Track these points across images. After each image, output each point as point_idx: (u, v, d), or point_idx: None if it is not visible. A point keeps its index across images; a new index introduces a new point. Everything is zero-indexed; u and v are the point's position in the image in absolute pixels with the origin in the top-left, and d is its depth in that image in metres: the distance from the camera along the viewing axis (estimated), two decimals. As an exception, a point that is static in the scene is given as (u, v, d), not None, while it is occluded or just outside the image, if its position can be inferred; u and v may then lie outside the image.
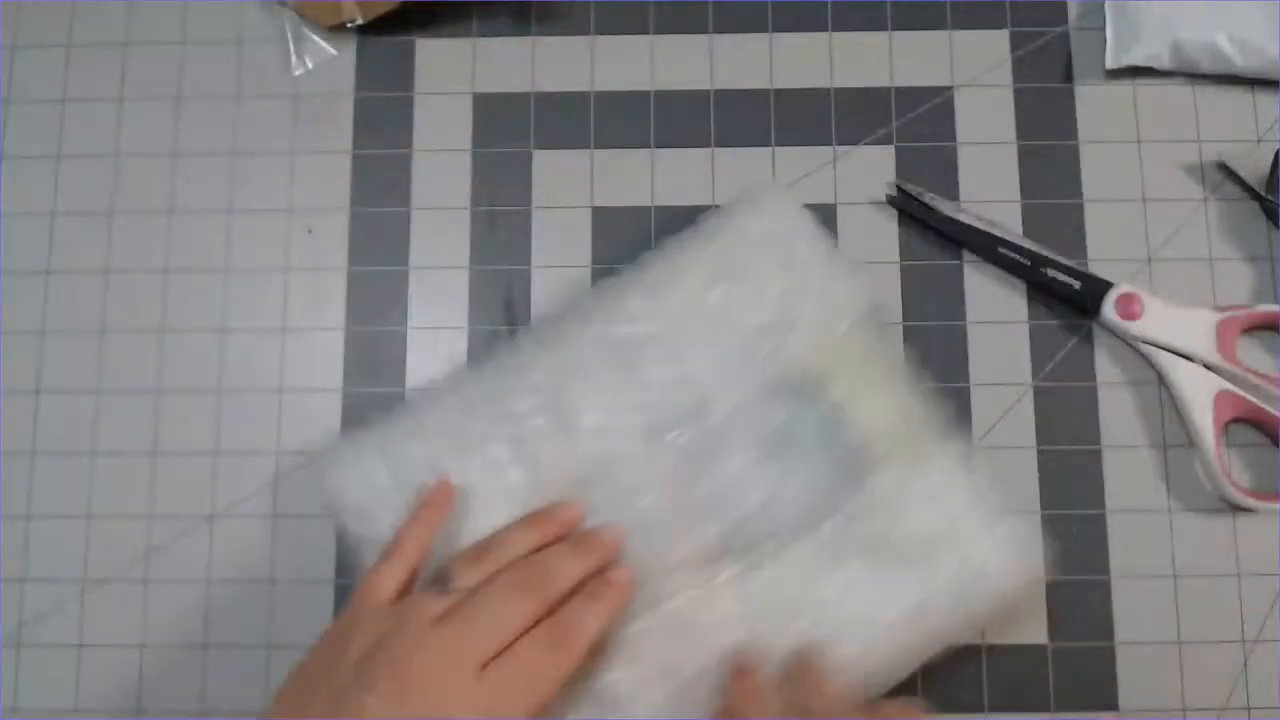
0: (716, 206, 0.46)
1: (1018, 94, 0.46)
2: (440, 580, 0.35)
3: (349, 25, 0.46)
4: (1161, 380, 0.44)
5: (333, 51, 0.47)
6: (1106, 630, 0.42)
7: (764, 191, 0.43)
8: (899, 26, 0.47)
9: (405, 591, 0.36)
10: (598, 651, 0.36)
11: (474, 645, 0.33)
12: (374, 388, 0.45)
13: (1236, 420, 0.43)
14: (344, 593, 0.43)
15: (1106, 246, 0.45)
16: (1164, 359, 0.43)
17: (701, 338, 0.40)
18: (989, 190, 0.46)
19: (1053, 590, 0.42)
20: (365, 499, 0.39)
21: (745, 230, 0.42)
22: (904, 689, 0.39)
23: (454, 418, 0.40)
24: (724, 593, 0.39)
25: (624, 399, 0.40)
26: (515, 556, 0.36)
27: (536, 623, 0.34)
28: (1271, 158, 0.44)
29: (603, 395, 0.40)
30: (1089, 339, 0.44)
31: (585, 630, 0.35)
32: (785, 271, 0.41)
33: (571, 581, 0.35)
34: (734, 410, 0.40)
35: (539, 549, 0.37)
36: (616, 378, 0.40)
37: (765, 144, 0.46)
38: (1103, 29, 0.46)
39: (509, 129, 0.47)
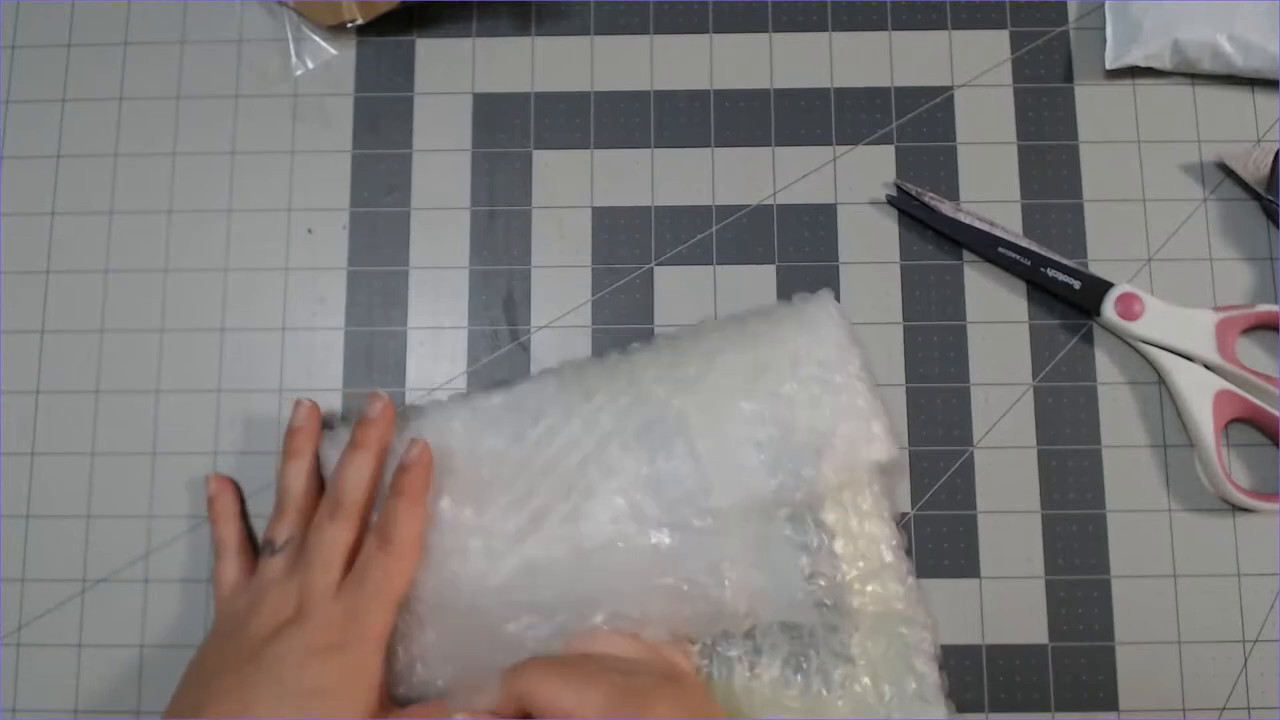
0: (715, 207, 0.46)
1: (1018, 94, 0.46)
2: (267, 546, 0.39)
3: (349, 25, 0.46)
4: (1161, 380, 0.44)
5: (333, 51, 0.47)
6: (1106, 630, 0.42)
7: (816, 306, 0.43)
8: (899, 26, 0.47)
9: (251, 570, 0.40)
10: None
11: (318, 579, 0.37)
12: (374, 388, 0.45)
13: (1236, 420, 0.43)
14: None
15: (1106, 246, 0.45)
16: (1164, 359, 0.43)
17: (725, 447, 0.40)
18: (989, 190, 0.46)
19: (1053, 590, 0.42)
20: None
21: (789, 342, 0.41)
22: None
23: (453, 450, 0.41)
24: None
25: (636, 480, 0.40)
26: (298, 492, 0.40)
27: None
28: (1271, 158, 0.44)
29: (618, 475, 0.40)
30: (1089, 339, 0.44)
31: (403, 525, 0.38)
32: (822, 398, 0.41)
33: (365, 482, 0.39)
34: (735, 516, 0.40)
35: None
36: (634, 459, 0.40)
37: (765, 144, 0.46)
38: (1103, 29, 0.46)
39: (509, 129, 0.47)
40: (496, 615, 0.39)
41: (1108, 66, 0.46)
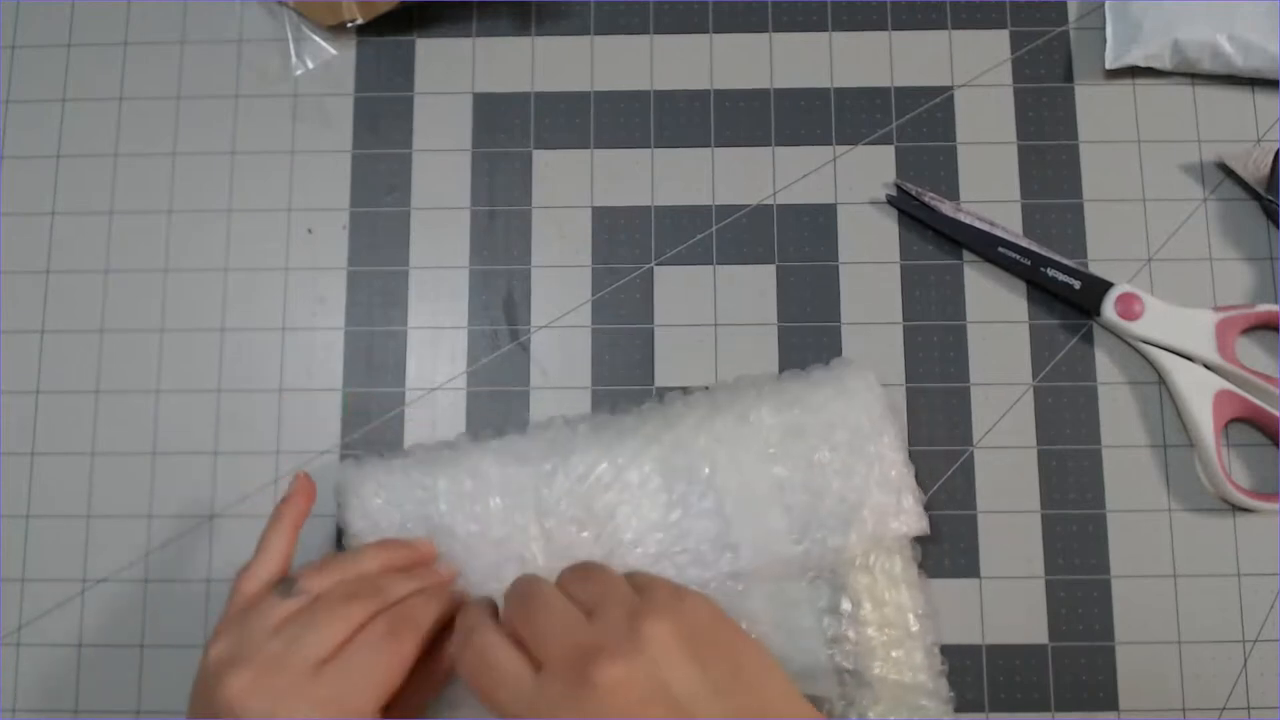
0: (715, 207, 0.46)
1: (1018, 94, 0.46)
2: (287, 585, 0.36)
3: (349, 25, 0.46)
4: (1161, 380, 0.44)
5: (333, 51, 0.47)
6: (1106, 630, 0.42)
7: (857, 377, 0.42)
8: (899, 26, 0.47)
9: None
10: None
11: (309, 646, 0.34)
12: (374, 388, 0.45)
13: (1236, 420, 0.43)
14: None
15: (1106, 246, 0.45)
16: (1164, 359, 0.43)
17: (754, 509, 0.40)
18: (989, 190, 0.46)
19: (1053, 590, 0.42)
20: (373, 532, 0.41)
21: (826, 409, 0.41)
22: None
23: (481, 476, 0.41)
24: None
25: (665, 529, 0.40)
26: (363, 570, 0.37)
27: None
28: (1271, 158, 0.44)
29: (648, 521, 0.40)
30: (1089, 339, 0.44)
31: (421, 616, 0.36)
32: (854, 467, 0.40)
33: (401, 594, 0.37)
34: (759, 578, 0.40)
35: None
36: (663, 509, 0.40)
37: (765, 144, 0.46)
38: (1103, 29, 0.46)
39: (509, 129, 0.47)
40: None
41: (1108, 66, 0.46)
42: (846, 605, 0.40)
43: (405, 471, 0.41)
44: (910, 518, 0.41)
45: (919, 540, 0.42)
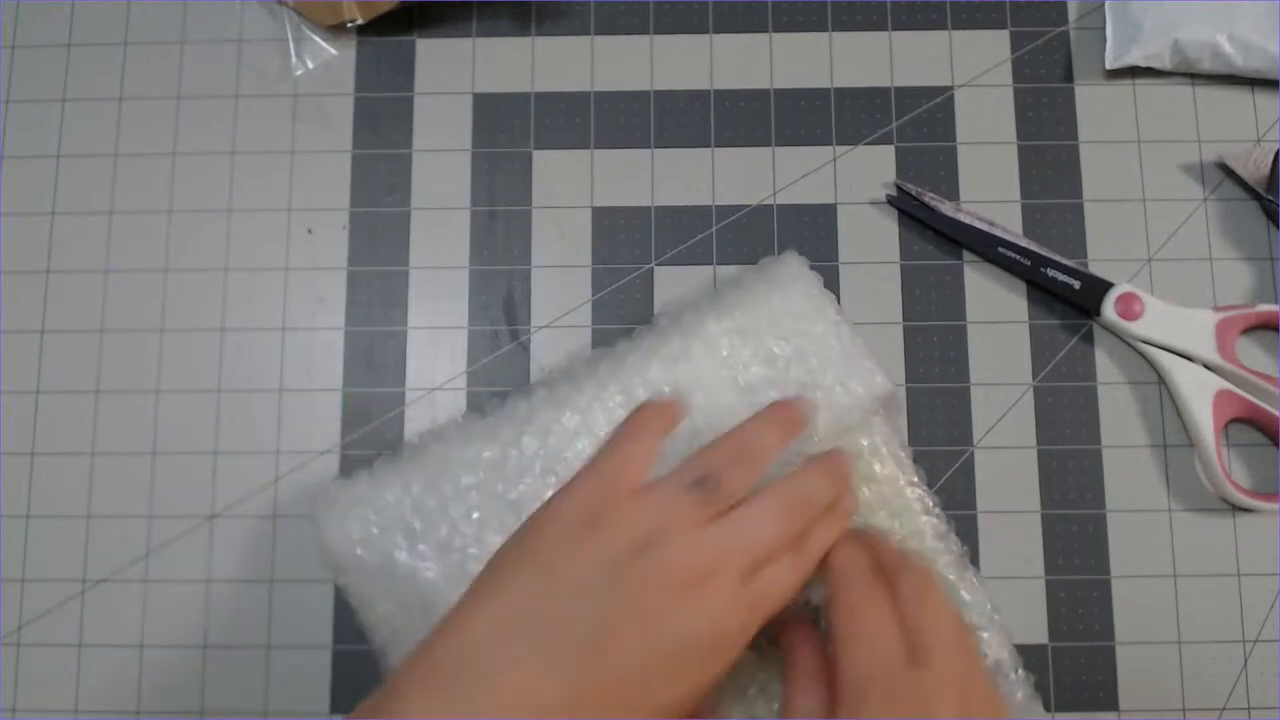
0: (715, 207, 0.46)
1: (1018, 94, 0.46)
2: (708, 484, 0.33)
3: (349, 25, 0.46)
4: (1161, 380, 0.44)
5: (333, 51, 0.47)
6: (1106, 630, 0.42)
7: (785, 266, 0.43)
8: (899, 26, 0.47)
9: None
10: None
11: (742, 556, 0.33)
12: (374, 388, 0.45)
13: (1236, 420, 0.43)
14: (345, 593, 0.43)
15: (1106, 246, 0.45)
16: (1164, 359, 0.43)
17: (721, 417, 0.39)
18: (989, 190, 0.46)
19: (1053, 590, 0.42)
20: (351, 556, 0.40)
21: (765, 304, 0.41)
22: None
23: (451, 460, 0.40)
24: None
25: None
26: (770, 457, 0.35)
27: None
28: (1271, 158, 0.44)
29: None
30: (1089, 339, 0.44)
31: (822, 543, 0.35)
32: (806, 350, 0.41)
33: (822, 509, 0.35)
34: None
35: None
36: None
37: (765, 144, 0.46)
38: (1103, 29, 0.46)
39: (509, 129, 0.47)
40: None
41: (1108, 66, 0.46)
42: None
43: (371, 478, 0.40)
44: (871, 380, 0.41)
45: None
